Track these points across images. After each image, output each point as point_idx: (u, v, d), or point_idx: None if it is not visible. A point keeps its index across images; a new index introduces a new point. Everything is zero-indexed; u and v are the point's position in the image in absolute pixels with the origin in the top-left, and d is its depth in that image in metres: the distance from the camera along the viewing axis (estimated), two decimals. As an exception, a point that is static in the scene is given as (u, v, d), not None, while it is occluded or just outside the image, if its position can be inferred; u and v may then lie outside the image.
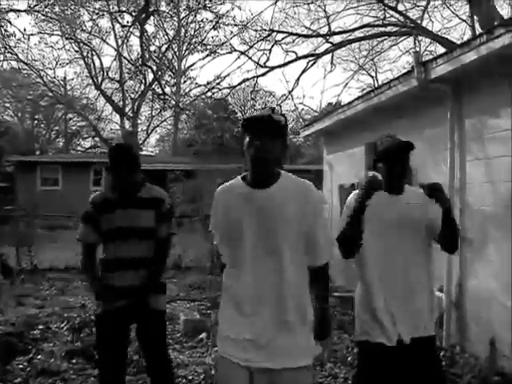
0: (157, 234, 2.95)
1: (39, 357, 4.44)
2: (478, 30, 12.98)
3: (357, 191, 2.58)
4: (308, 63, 15.74)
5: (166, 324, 3.18)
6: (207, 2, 18.40)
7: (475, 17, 13.53)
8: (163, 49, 25.92)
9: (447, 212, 2.38)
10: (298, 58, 15.70)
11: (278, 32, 15.63)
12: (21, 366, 4.24)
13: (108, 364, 2.94)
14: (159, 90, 22.49)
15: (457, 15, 17.64)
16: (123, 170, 2.86)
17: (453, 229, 2.45)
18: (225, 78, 16.92)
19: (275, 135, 2.03)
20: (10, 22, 19.01)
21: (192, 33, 24.16)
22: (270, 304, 2.02)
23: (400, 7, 14.95)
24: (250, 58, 15.92)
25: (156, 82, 24.08)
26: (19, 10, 19.23)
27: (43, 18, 21.51)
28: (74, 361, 4.37)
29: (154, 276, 2.96)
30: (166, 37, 25.75)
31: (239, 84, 17.44)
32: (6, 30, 18.64)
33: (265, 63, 15.65)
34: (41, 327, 5.31)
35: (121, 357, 2.99)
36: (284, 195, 2.05)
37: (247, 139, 2.04)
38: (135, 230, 2.90)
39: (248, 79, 16.60)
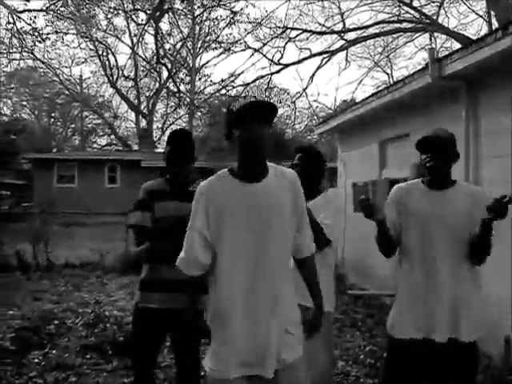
0: None
1: (54, 351, 4.51)
2: (495, 25, 12.80)
3: (401, 185, 2.60)
4: (322, 60, 15.72)
5: (207, 325, 3.12)
6: (220, 0, 18.41)
7: (492, 12, 13.35)
8: (178, 46, 26.03)
9: (490, 223, 2.37)
10: (312, 56, 15.67)
11: (292, 29, 15.64)
12: (36, 360, 4.31)
13: (140, 359, 2.95)
14: (174, 88, 22.60)
15: (473, 10, 17.47)
16: (183, 156, 2.85)
17: (488, 242, 2.45)
18: (239, 75, 16.98)
19: (270, 121, 1.93)
20: (29, 25, 19.24)
21: (206, 30, 24.22)
22: (266, 301, 1.94)
23: (415, 3, 14.85)
24: (264, 56, 15.97)
25: (171, 80, 24.20)
26: (35, 10, 19.47)
27: (58, 17, 21.73)
28: (88, 356, 4.42)
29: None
30: (181, 34, 25.85)
31: (253, 81, 17.49)
32: (38, 33, 18.81)
33: (279, 60, 15.65)
34: (56, 322, 5.39)
35: (152, 353, 2.99)
36: (274, 187, 1.97)
37: (242, 130, 1.89)
38: (184, 223, 2.89)
39: (262, 76, 16.63)
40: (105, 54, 29.65)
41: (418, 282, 2.43)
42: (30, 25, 18.27)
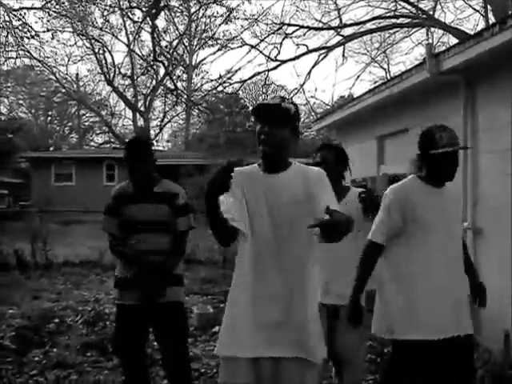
0: (174, 228, 2.99)
1: (54, 349, 4.51)
2: (492, 19, 12.79)
3: (400, 185, 2.60)
4: (319, 56, 15.68)
5: (185, 315, 3.20)
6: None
7: (489, 7, 13.34)
8: (174, 44, 25.96)
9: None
10: (309, 51, 15.63)
11: (289, 25, 15.58)
12: (37, 359, 4.31)
13: (127, 355, 3.01)
14: (171, 85, 22.56)
15: (470, 5, 17.33)
16: (138, 163, 2.93)
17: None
18: (236, 72, 16.94)
19: (284, 123, 2.05)
20: (30, 26, 19.15)
21: (203, 27, 24.16)
22: (289, 288, 2.02)
23: (412, -2, 14.80)
24: (260, 52, 15.91)
25: (168, 77, 24.15)
26: (31, 8, 19.39)
27: (55, 14, 21.64)
28: (88, 354, 4.43)
29: (169, 266, 2.98)
30: (177, 32, 25.78)
31: (250, 78, 17.44)
32: (29, 31, 18.75)
33: (276, 57, 15.61)
34: (56, 321, 5.39)
35: (139, 347, 3.05)
36: (293, 180, 2.08)
37: (257, 127, 2.07)
38: (150, 224, 2.94)
39: (259, 73, 16.59)
40: (101, 51, 29.56)
41: (437, 283, 2.43)
42: (20, 19, 18.09)
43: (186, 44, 28.37)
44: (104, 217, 3.07)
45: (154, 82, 30.34)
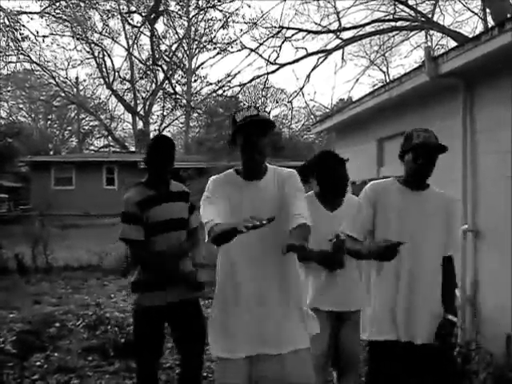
0: (189, 225, 3.10)
1: (56, 354, 4.51)
2: (491, 23, 12.83)
3: (375, 183, 2.60)
4: (318, 60, 15.70)
5: (203, 316, 3.15)
6: (216, 1, 18.39)
7: (487, 10, 13.38)
8: (173, 48, 26.01)
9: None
10: (308, 55, 15.66)
11: (288, 29, 15.61)
12: (38, 363, 4.32)
13: (144, 358, 3.02)
14: (170, 90, 22.59)
15: (468, 8, 17.43)
16: (166, 163, 2.99)
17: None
18: (235, 75, 16.97)
19: (265, 133, 2.20)
20: (23, 25, 19.20)
21: (202, 31, 24.20)
22: (274, 289, 2.18)
23: (410, 1, 14.84)
24: (260, 56, 15.94)
25: (167, 81, 24.19)
26: (31, 13, 19.43)
27: (54, 19, 21.71)
28: (89, 358, 4.43)
29: (185, 248, 3.08)
30: (176, 36, 25.84)
31: (250, 81, 17.44)
32: (21, 34, 18.83)
33: (275, 60, 15.63)
34: (57, 325, 5.39)
35: (157, 351, 3.06)
36: (271, 186, 2.24)
37: (240, 141, 2.20)
38: (174, 222, 3.00)
39: (258, 76, 16.59)
40: (101, 56, 29.62)
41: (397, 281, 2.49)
42: (24, 26, 18.13)
43: (186, 48, 28.42)
44: (123, 225, 2.95)
45: (153, 86, 30.40)
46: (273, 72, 15.99)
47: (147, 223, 2.93)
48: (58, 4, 19.58)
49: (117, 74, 30.41)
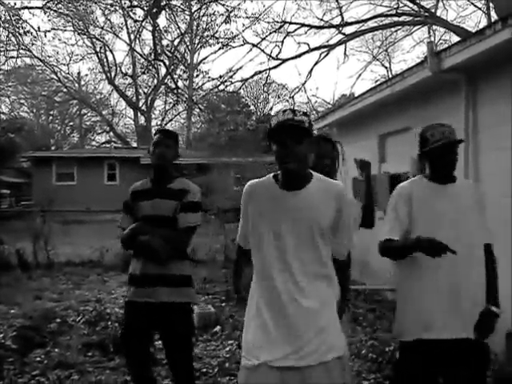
0: (177, 224, 2.92)
1: (56, 350, 4.51)
2: (494, 17, 12.76)
3: (404, 184, 2.58)
4: (321, 55, 15.65)
5: (191, 319, 3.14)
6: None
7: (491, 4, 13.30)
8: (175, 43, 25.95)
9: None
10: (310, 50, 15.61)
11: (290, 23, 15.58)
12: (38, 359, 4.31)
13: (132, 352, 3.00)
14: (172, 85, 22.56)
15: (472, 3, 17.27)
16: (164, 149, 2.96)
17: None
18: (237, 70, 16.92)
19: (300, 139, 2.01)
20: (25, 21, 19.18)
21: (204, 26, 24.14)
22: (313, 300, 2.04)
23: (414, -4, 14.76)
24: (262, 51, 15.91)
25: (169, 76, 24.15)
26: (33, 7, 19.40)
27: (56, 14, 21.66)
28: (90, 353, 4.43)
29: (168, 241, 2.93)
30: (178, 30, 25.77)
31: (251, 77, 17.42)
32: (22, 27, 18.81)
33: (277, 55, 15.59)
34: (58, 321, 5.38)
35: (145, 345, 3.04)
36: (316, 198, 2.06)
37: (274, 147, 2.04)
38: (159, 219, 2.93)
39: (260, 72, 16.57)
40: (102, 51, 29.58)
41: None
42: (26, 21, 18.13)
43: (188, 43, 28.36)
44: (122, 214, 3.10)
45: (155, 81, 30.37)
46: (275, 67, 15.96)
47: (136, 216, 2.98)
48: (59, -1, 19.54)
49: (119, 68, 30.39)
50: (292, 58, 15.74)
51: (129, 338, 3.00)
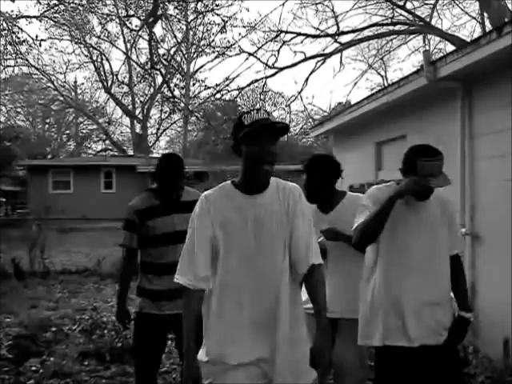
0: None
1: (52, 359, 4.47)
2: (488, 27, 12.87)
3: (373, 187, 2.59)
4: (317, 63, 15.71)
5: None
6: (214, 6, 18.44)
7: (485, 14, 13.42)
8: (172, 51, 26.04)
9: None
10: (306, 59, 15.66)
11: (287, 32, 15.61)
12: (34, 368, 4.27)
13: (143, 363, 3.00)
14: (168, 93, 22.59)
15: (466, 12, 17.49)
16: (174, 181, 2.93)
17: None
18: (234, 79, 16.97)
19: (277, 140, 1.99)
20: (21, 29, 19.20)
21: (200, 35, 24.23)
22: (272, 315, 1.97)
23: (408, 5, 14.88)
24: (258, 59, 15.95)
25: (165, 85, 24.19)
26: (30, 16, 19.45)
27: (53, 23, 21.70)
28: (86, 362, 4.40)
29: None
30: (175, 39, 25.85)
31: (248, 85, 17.40)
32: (17, 37, 18.85)
33: (273, 64, 15.65)
34: (53, 329, 5.35)
35: (156, 358, 3.04)
36: (274, 201, 2.02)
37: (253, 147, 1.94)
38: (180, 234, 2.92)
39: (257, 80, 16.58)
40: (99, 59, 29.62)
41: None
42: (22, 29, 18.18)
43: (184, 52, 28.44)
44: (124, 232, 3.02)
45: (151, 90, 30.40)
46: (271, 76, 15.98)
47: (147, 234, 2.94)
48: (56, 8, 19.59)
49: (115, 77, 30.41)
50: (288, 67, 15.80)
51: (142, 351, 3.00)
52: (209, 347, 1.99)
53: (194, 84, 28.11)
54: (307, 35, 15.87)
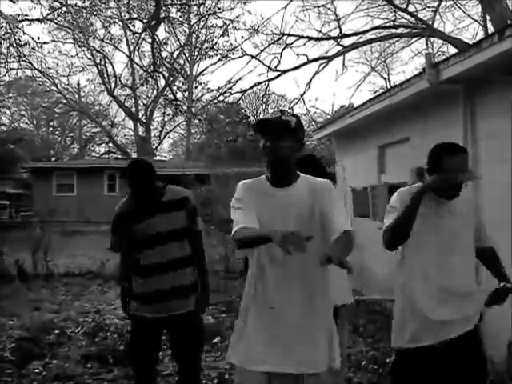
0: (192, 231, 3.03)
1: (54, 361, 4.48)
2: (491, 29, 12.86)
3: (401, 189, 2.61)
4: (319, 66, 15.73)
5: (203, 325, 3.19)
6: (216, 9, 18.47)
7: (487, 17, 13.42)
8: (175, 55, 26.09)
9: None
10: (309, 61, 15.68)
11: (289, 35, 15.64)
12: (37, 371, 4.28)
13: (139, 365, 3.04)
14: (171, 96, 22.63)
15: (469, 15, 17.52)
16: (140, 187, 2.94)
17: None
18: (236, 82, 16.95)
19: (285, 136, 2.11)
20: (23, 31, 19.26)
21: (203, 38, 24.28)
22: (298, 302, 2.09)
23: (411, 8, 14.91)
24: (261, 62, 15.97)
25: (168, 88, 24.24)
26: (33, 20, 19.51)
27: (56, 26, 21.80)
28: (88, 365, 4.40)
29: (204, 275, 3.10)
30: (178, 42, 25.91)
31: (251, 88, 17.44)
32: (19, 39, 18.91)
33: (276, 67, 15.66)
34: (56, 332, 5.36)
35: (152, 359, 3.08)
36: (301, 194, 2.14)
37: (261, 141, 2.15)
38: (166, 234, 2.95)
39: (260, 83, 16.60)
40: (102, 62, 29.71)
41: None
42: (24, 32, 18.25)
43: (187, 54, 28.50)
44: (112, 236, 3.08)
45: (154, 93, 30.48)
46: (274, 79, 16.01)
47: (134, 238, 2.97)
48: (59, 11, 19.65)
49: (118, 80, 30.50)
50: (291, 70, 15.81)
51: (139, 353, 3.03)
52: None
53: (196, 87, 28.20)
54: (310, 38, 15.89)
